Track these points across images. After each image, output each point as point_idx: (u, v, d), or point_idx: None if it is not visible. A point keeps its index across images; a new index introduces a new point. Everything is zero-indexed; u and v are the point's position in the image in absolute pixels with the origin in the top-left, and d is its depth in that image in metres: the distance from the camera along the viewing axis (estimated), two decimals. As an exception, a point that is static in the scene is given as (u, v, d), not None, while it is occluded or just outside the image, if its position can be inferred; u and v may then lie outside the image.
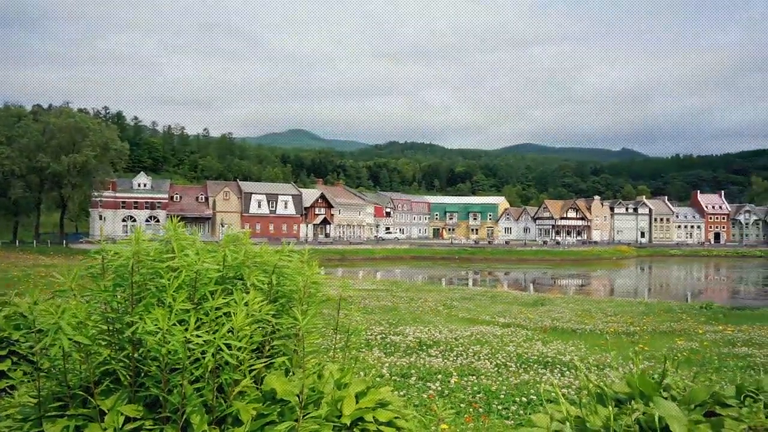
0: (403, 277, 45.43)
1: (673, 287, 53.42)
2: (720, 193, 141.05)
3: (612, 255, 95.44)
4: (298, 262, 3.35)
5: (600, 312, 19.31)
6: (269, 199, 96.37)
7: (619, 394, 2.93)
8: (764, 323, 16.56)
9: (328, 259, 72.63)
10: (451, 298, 22.81)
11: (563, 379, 6.88)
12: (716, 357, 9.69)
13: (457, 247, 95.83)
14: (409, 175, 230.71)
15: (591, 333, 13.02)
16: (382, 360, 7.45)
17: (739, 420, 2.50)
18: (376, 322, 11.68)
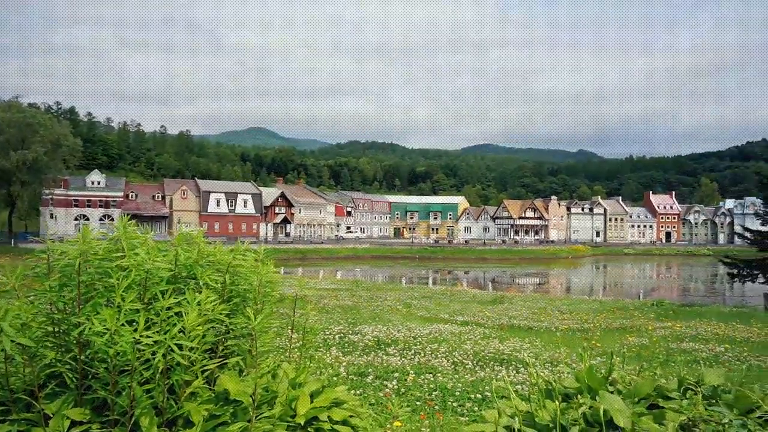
0: (363, 277, 45.44)
1: (626, 285, 54.92)
2: (671, 194, 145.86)
3: (568, 254, 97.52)
4: (253, 261, 3.32)
5: (556, 310, 19.71)
6: (228, 197, 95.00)
7: (568, 389, 3.01)
8: (711, 319, 17.19)
9: (289, 258, 72.05)
10: (410, 296, 22.94)
11: (518, 375, 7.01)
12: (665, 352, 10.02)
13: (418, 247, 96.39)
14: (371, 175, 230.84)
15: (546, 330, 13.29)
16: (340, 359, 7.46)
17: (679, 412, 2.60)
18: (335, 322, 11.67)
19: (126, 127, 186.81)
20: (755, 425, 2.55)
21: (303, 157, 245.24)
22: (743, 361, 9.33)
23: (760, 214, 28.67)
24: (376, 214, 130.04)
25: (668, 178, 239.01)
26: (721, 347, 10.78)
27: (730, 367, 8.79)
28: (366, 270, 60.14)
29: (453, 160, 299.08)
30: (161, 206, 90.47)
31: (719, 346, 10.97)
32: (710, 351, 10.24)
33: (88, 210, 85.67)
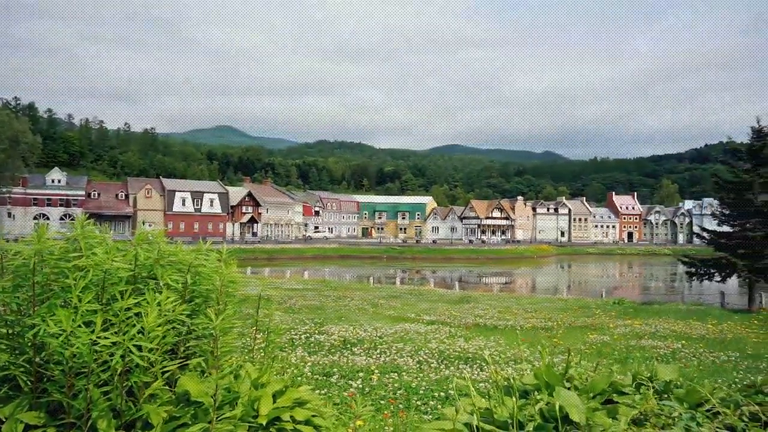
0: (331, 276, 45.31)
1: (589, 284, 56.00)
2: (633, 195, 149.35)
3: (534, 253, 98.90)
4: (215, 261, 3.29)
5: (521, 308, 20.00)
6: (194, 197, 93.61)
7: (527, 386, 3.07)
8: (669, 317, 17.69)
9: (256, 258, 71.37)
10: (378, 296, 22.98)
11: (482, 374, 7.10)
12: (624, 349, 10.27)
13: (386, 246, 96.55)
14: (339, 174, 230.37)
15: (511, 329, 13.48)
16: (306, 359, 7.45)
17: (632, 406, 2.68)
18: (302, 322, 11.63)
19: (88, 125, 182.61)
20: (703, 418, 2.64)
21: (271, 156, 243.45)
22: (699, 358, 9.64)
23: (716, 215, 29.55)
24: (344, 214, 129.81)
25: (630, 179, 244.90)
26: (678, 344, 11.11)
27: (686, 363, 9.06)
28: (334, 270, 59.99)
29: (421, 160, 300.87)
30: (125, 205, 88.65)
31: (676, 343, 11.29)
32: (668, 348, 10.54)
33: (48, 209, 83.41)
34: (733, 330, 14.42)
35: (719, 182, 28.54)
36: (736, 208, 27.36)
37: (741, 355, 10.45)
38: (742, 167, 27.27)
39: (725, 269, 26.87)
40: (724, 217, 28.28)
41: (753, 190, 26.24)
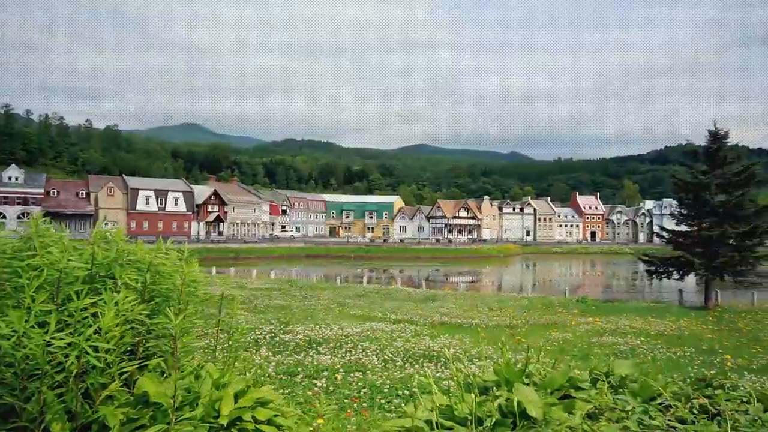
0: (298, 276, 45.02)
1: (554, 283, 56.88)
2: (596, 195, 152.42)
3: (500, 253, 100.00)
4: (176, 259, 3.25)
5: (486, 307, 20.21)
6: (158, 195, 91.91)
7: (488, 383, 3.12)
8: (629, 314, 18.12)
9: (221, 258, 70.46)
10: (344, 295, 22.94)
11: (446, 371, 7.16)
12: (586, 346, 10.48)
13: (353, 246, 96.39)
14: (306, 173, 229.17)
15: (476, 327, 13.61)
16: (270, 359, 7.39)
17: (588, 401, 2.75)
18: (267, 321, 11.54)
19: (47, 120, 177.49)
20: (656, 411, 2.72)
21: (237, 154, 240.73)
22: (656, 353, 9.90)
23: (675, 215, 30.36)
24: (311, 213, 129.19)
25: (594, 179, 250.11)
26: (638, 340, 11.39)
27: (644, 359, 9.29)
28: (301, 269, 59.64)
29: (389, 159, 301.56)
30: (85, 204, 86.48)
31: (636, 339, 11.58)
32: (627, 344, 10.80)
33: (5, 207, 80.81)
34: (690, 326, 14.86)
35: (678, 183, 29.31)
36: (694, 208, 28.14)
37: (696, 350, 10.78)
38: (700, 169, 28.08)
39: (683, 267, 27.62)
40: (683, 216, 29.06)
41: (709, 191, 27.05)
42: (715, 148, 27.30)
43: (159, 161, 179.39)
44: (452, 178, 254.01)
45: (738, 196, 26.92)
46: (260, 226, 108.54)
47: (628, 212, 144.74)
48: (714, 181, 26.88)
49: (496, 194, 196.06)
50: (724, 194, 27.25)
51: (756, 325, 17.42)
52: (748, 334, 14.81)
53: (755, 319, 19.31)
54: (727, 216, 26.91)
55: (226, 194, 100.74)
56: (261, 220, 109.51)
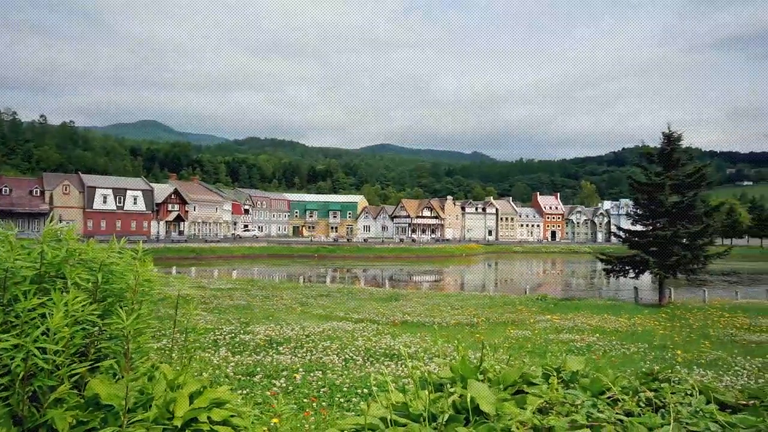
0: (260, 276, 44.60)
1: (515, 281, 57.76)
2: (556, 195, 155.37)
3: (462, 252, 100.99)
4: (130, 258, 3.19)
5: (448, 306, 20.40)
6: (116, 194, 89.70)
7: (443, 380, 3.16)
8: (587, 312, 18.54)
9: (182, 257, 69.28)
10: (307, 295, 22.84)
11: (406, 369, 7.21)
12: (543, 343, 10.69)
13: (317, 245, 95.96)
14: (270, 172, 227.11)
15: (438, 325, 13.73)
16: (229, 359, 7.32)
17: (539, 396, 2.81)
18: (227, 321, 11.41)
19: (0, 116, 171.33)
20: (604, 405, 2.80)
21: (199, 152, 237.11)
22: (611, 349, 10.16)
23: (631, 215, 31.21)
24: (274, 213, 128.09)
25: (554, 180, 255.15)
26: (594, 337, 11.68)
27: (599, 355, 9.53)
28: (263, 269, 59.09)
29: (353, 159, 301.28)
30: (39, 202, 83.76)
31: (592, 336, 11.87)
32: (583, 341, 11.06)
33: (-47, 205, 77.73)
34: (644, 323, 15.30)
35: (633, 184, 30.14)
36: (649, 209, 28.97)
37: (649, 346, 11.12)
38: (654, 170, 28.92)
39: (638, 266, 28.42)
40: (638, 216, 29.90)
41: (663, 192, 27.88)
42: (669, 151, 28.15)
43: (117, 159, 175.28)
44: (416, 177, 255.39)
45: (690, 196, 27.82)
46: (222, 225, 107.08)
47: (587, 212, 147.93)
48: (668, 183, 27.70)
49: (459, 194, 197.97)
50: (677, 195, 28.12)
51: (705, 321, 18.05)
52: (698, 330, 15.34)
53: (705, 315, 20.01)
54: (679, 216, 27.78)
55: (187, 193, 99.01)
56: (223, 220, 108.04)
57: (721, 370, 8.85)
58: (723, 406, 2.75)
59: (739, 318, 18.93)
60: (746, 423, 2.30)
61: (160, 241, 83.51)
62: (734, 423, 2.31)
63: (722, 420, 2.36)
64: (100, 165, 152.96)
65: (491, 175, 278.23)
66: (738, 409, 2.73)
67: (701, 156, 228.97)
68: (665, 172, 28.12)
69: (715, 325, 17.00)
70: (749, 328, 16.17)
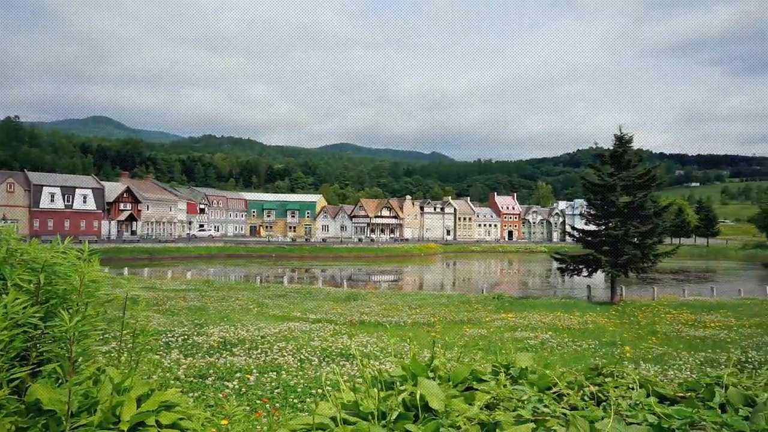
0: (216, 276, 43.90)
1: (473, 281, 58.48)
2: (513, 195, 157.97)
3: (421, 252, 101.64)
4: (75, 258, 3.10)
5: (406, 305, 20.52)
6: (65, 192, 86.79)
7: (394, 378, 3.19)
8: (541, 310, 18.93)
9: (135, 258, 67.64)
10: (264, 296, 22.62)
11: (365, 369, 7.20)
12: (498, 341, 10.86)
13: (275, 245, 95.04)
14: (226, 171, 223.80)
15: (395, 325, 13.80)
16: (181, 362, 7.18)
17: (487, 392, 2.86)
18: (180, 323, 11.19)
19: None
20: (550, 400, 2.87)
21: (152, 150, 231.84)
22: (563, 346, 10.40)
23: (584, 215, 31.99)
24: (231, 212, 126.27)
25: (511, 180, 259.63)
26: (547, 335, 11.93)
27: (551, 352, 9.75)
28: (219, 269, 58.19)
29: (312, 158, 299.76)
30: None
31: (545, 333, 12.13)
32: (537, 338, 11.29)
33: None
34: (595, 320, 15.73)
35: (587, 185, 30.90)
36: (601, 209, 29.74)
37: (600, 342, 11.43)
38: (607, 171, 29.70)
39: (591, 265, 29.14)
40: (591, 216, 30.65)
41: (615, 192, 28.67)
42: (621, 152, 28.96)
43: (66, 156, 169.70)
44: (375, 177, 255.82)
45: (640, 197, 28.68)
46: (177, 225, 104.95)
47: (542, 212, 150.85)
48: (619, 183, 28.49)
49: (418, 194, 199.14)
50: (628, 195, 28.95)
51: (654, 318, 18.68)
52: (646, 327, 15.85)
53: (653, 312, 20.70)
54: (630, 216, 28.61)
55: (140, 192, 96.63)
56: (178, 219, 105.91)
57: (667, 364, 9.18)
58: (662, 399, 2.85)
59: (685, 314, 19.66)
60: (681, 414, 2.38)
61: (111, 241, 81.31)
62: (670, 414, 2.39)
63: (659, 412, 2.44)
64: (48, 162, 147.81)
65: (450, 175, 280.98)
66: (675, 401, 2.83)
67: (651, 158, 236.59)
68: (617, 173, 28.91)
69: (663, 321, 17.61)
70: (694, 324, 16.82)
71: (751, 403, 2.51)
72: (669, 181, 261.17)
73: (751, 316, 19.76)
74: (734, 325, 16.64)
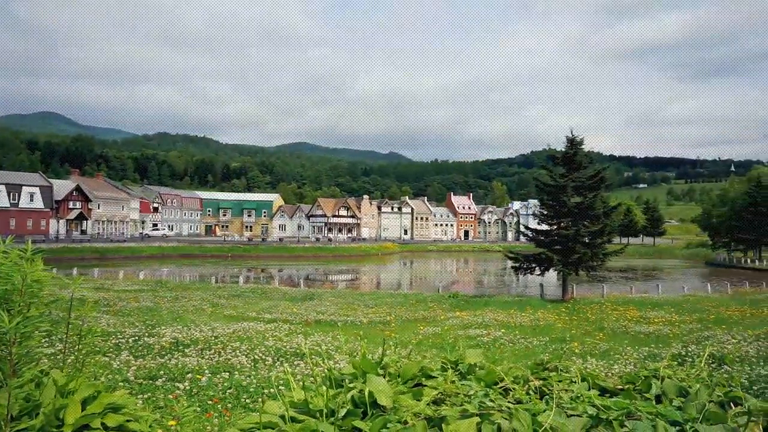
0: (170, 277, 42.98)
1: (429, 280, 58.93)
2: (469, 195, 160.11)
3: (378, 251, 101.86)
4: (17, 258, 3.02)
5: (362, 304, 20.56)
6: (10, 190, 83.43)
7: (345, 376, 3.22)
8: (495, 308, 19.25)
9: (84, 258, 65.58)
10: (219, 296, 22.30)
11: (316, 368, 7.22)
12: (452, 339, 11.02)
13: (230, 245, 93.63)
14: (181, 169, 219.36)
15: (351, 324, 13.83)
16: (131, 363, 7.03)
17: (435, 388, 2.93)
18: (131, 324, 10.93)
19: None
20: (496, 394, 2.95)
21: (104, 147, 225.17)
22: (515, 343, 10.63)
23: (537, 215, 32.67)
24: (186, 211, 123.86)
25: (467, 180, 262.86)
26: (499, 332, 12.17)
27: (503, 348, 9.95)
28: (173, 269, 57.00)
29: (269, 157, 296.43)
30: None
31: (498, 331, 12.36)
32: (489, 336, 11.50)
33: None
34: (546, 318, 16.11)
35: (539, 185, 31.56)
36: (553, 209, 30.42)
37: (550, 339, 11.73)
38: (559, 172, 30.40)
39: (544, 263, 29.78)
40: (544, 216, 31.32)
41: (566, 193, 29.37)
42: (572, 154, 29.68)
43: (12, 152, 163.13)
44: (333, 177, 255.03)
45: (591, 197, 29.46)
46: (130, 224, 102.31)
47: (498, 212, 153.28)
48: (570, 184, 29.20)
49: (376, 194, 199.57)
50: (579, 196, 29.69)
51: (602, 314, 19.26)
52: (594, 323, 16.35)
53: (602, 309, 21.34)
54: (581, 216, 29.37)
55: (90, 190, 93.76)
56: (130, 218, 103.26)
57: (612, 359, 9.50)
58: (603, 392, 2.97)
59: (631, 311, 20.34)
60: (619, 405, 2.49)
61: (60, 240, 78.61)
62: (609, 406, 2.50)
63: (599, 403, 2.54)
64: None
65: (407, 175, 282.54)
66: (615, 393, 2.95)
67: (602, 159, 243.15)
68: (568, 174, 29.61)
69: (610, 318, 18.18)
70: (639, 321, 17.43)
71: (684, 394, 2.65)
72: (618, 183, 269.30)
73: (693, 312, 20.61)
74: (677, 321, 17.33)
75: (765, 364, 8.23)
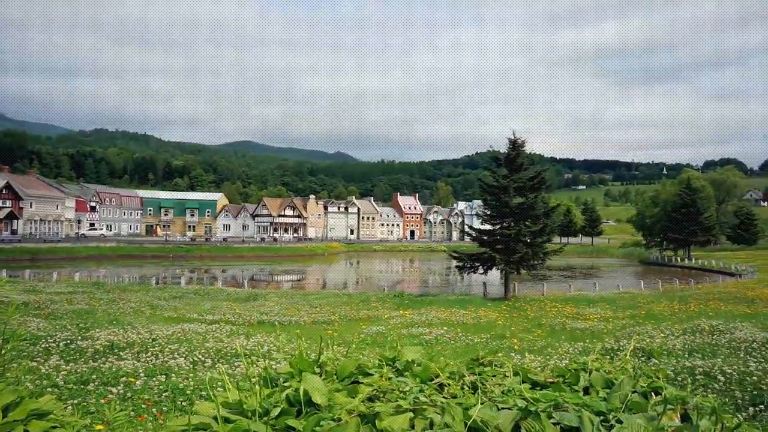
0: (107, 278, 41.53)
1: (375, 279, 59.09)
2: (415, 196, 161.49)
3: (324, 251, 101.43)
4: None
5: (306, 304, 20.45)
6: (-69, 187, 78.70)
7: (282, 375, 3.20)
8: (439, 306, 19.51)
9: (15, 259, 62.50)
10: (158, 297, 21.70)
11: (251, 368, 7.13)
12: (396, 337, 11.10)
13: (172, 245, 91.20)
14: (120, 167, 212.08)
15: (294, 324, 13.74)
16: (61, 368, 6.74)
17: (370, 385, 2.95)
18: (63, 327, 10.49)
19: None
20: (432, 390, 3.00)
21: (37, 143, 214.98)
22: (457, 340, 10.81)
23: (481, 215, 33.29)
24: (125, 210, 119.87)
25: (413, 180, 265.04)
26: (442, 330, 12.34)
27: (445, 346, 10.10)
28: (112, 270, 55.08)
29: (213, 155, 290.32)
30: None
31: (440, 329, 12.53)
32: (432, 334, 11.65)
33: None
34: (488, 315, 16.44)
35: (483, 186, 32.17)
36: (496, 209, 31.06)
37: (491, 336, 11.98)
38: (501, 173, 31.06)
39: (487, 263, 30.38)
40: (487, 216, 31.94)
41: (508, 193, 30.05)
42: (514, 155, 30.39)
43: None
44: (279, 176, 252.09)
45: (531, 198, 30.25)
46: (65, 223, 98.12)
47: (443, 212, 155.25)
48: (512, 185, 29.88)
49: (323, 193, 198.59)
50: (520, 196, 30.43)
51: (541, 312, 19.83)
52: (533, 320, 16.81)
53: (541, 306, 21.96)
54: (522, 216, 30.11)
55: (21, 188, 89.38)
56: (65, 218, 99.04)
57: (549, 354, 9.80)
58: (534, 385, 3.06)
59: (569, 308, 21.03)
60: (547, 398, 2.57)
61: (-13, 241, 74.61)
62: (538, 398, 2.57)
63: (528, 396, 2.62)
64: None
65: (354, 175, 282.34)
66: (545, 386, 3.05)
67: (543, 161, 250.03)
68: (510, 175, 30.30)
69: (549, 315, 18.73)
70: (576, 317, 18.04)
71: (610, 386, 2.77)
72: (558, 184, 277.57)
73: (626, 308, 21.48)
74: (611, 317, 18.04)
75: (690, 357, 8.67)
